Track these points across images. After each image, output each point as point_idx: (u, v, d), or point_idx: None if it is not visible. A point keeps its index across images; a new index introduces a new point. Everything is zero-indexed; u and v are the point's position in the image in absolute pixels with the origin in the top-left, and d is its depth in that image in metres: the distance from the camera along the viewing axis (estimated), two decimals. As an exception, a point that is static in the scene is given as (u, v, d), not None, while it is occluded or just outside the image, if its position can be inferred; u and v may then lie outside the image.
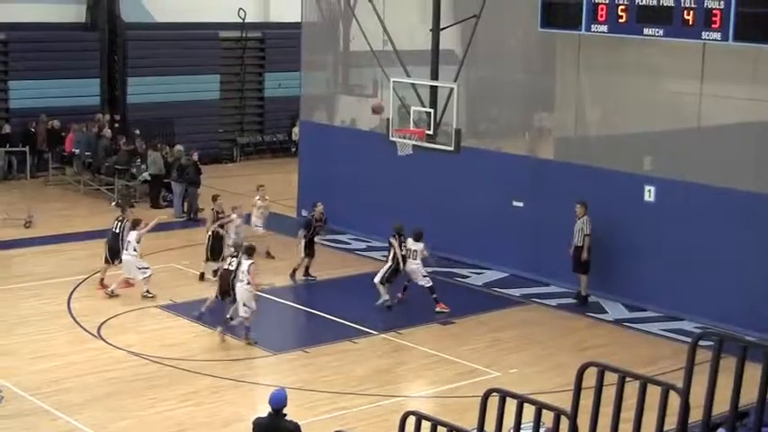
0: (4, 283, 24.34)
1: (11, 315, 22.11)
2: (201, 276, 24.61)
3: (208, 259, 24.65)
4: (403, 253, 22.99)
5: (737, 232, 21.99)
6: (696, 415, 8.00)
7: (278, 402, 12.30)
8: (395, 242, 23.13)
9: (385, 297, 22.98)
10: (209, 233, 24.74)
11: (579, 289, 23.85)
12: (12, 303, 22.89)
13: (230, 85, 40.71)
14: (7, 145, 34.17)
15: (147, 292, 23.08)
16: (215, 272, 23.18)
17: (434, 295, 22.97)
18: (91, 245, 25.66)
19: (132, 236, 23.18)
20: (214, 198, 25.75)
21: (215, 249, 24.54)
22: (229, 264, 21.27)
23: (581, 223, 23.46)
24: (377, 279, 23.08)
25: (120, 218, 24.03)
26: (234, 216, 24.98)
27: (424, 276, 23.15)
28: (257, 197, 26.86)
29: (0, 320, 21.77)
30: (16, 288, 23.97)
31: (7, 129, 35.23)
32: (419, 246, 23.13)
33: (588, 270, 23.67)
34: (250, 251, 21.05)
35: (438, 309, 22.84)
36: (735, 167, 22.29)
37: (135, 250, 23.15)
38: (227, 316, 21.03)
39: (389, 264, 23.12)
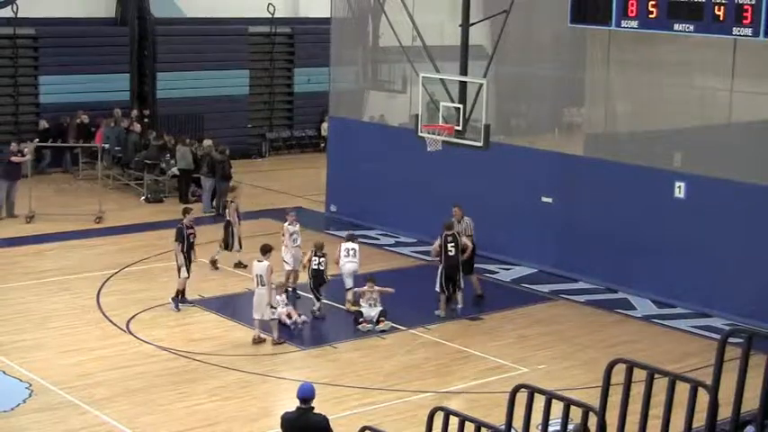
0: (34, 277, 24.46)
1: (41, 309, 22.22)
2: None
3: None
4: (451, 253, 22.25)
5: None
6: (725, 412, 7.97)
7: (305, 393, 12.26)
8: (440, 241, 22.49)
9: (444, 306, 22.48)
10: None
11: (478, 291, 23.60)
12: (42, 297, 22.99)
13: (259, 81, 40.75)
14: (49, 140, 34.30)
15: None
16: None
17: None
18: (120, 239, 25.71)
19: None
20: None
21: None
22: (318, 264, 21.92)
23: (465, 224, 23.29)
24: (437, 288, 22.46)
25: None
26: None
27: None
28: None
29: (30, 314, 21.90)
30: (46, 282, 24.08)
31: (45, 124, 35.39)
32: (356, 246, 22.91)
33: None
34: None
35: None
36: (765, 164, 22.17)
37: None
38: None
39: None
